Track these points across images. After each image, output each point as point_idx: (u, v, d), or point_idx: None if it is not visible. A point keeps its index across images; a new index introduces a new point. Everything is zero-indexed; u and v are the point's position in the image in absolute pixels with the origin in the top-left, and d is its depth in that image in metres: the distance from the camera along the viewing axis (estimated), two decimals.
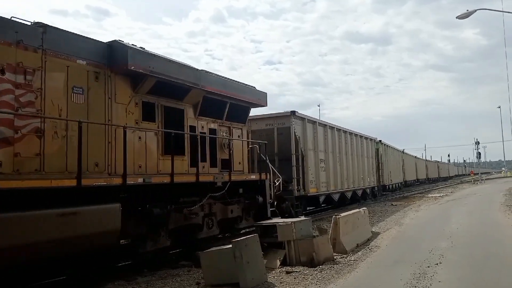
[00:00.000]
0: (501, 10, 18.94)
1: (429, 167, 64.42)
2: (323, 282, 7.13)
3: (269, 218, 11.48)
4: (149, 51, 8.80)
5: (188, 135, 9.96)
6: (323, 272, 7.72)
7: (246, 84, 12.40)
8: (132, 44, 8.47)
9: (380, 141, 30.95)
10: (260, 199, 11.90)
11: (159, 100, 9.22)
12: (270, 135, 16.03)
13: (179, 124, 9.72)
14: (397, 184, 37.88)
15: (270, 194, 12.24)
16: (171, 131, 9.02)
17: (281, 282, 7.20)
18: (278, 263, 8.37)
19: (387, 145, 33.81)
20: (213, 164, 10.81)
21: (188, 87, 9.69)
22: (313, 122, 17.96)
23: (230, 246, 7.05)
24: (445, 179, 78.51)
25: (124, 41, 8.42)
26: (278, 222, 9.03)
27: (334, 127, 20.19)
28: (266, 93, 13.11)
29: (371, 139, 27.41)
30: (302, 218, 10.17)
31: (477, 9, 18.48)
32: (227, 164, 11.08)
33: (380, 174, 30.15)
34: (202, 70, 10.31)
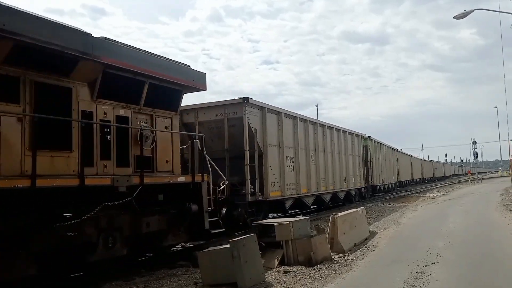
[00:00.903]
0: (498, 10, 19.02)
1: (424, 167, 63.22)
2: (321, 281, 7.14)
3: (207, 231, 9.58)
4: (3, 3, 6.23)
5: (79, 123, 7.36)
6: (321, 272, 7.73)
7: (176, 61, 9.73)
8: None
9: (369, 137, 28.26)
10: (194, 207, 9.40)
11: (27, 74, 6.77)
12: (221, 127, 13.54)
13: (63, 108, 7.29)
14: (390, 185, 34.90)
15: (210, 200, 9.82)
16: (35, 115, 6.60)
17: (279, 282, 7.21)
18: (276, 262, 8.39)
19: (378, 142, 31.09)
20: (122, 162, 8.31)
21: (73, 57, 7.16)
22: (277, 112, 15.09)
23: (228, 245, 7.06)
24: (441, 179, 78.03)
25: None
26: (276, 222, 9.03)
27: (307, 120, 17.45)
28: (205, 73, 10.32)
29: (357, 135, 24.52)
30: (300, 218, 10.17)
31: (474, 9, 18.55)
32: (147, 163, 8.70)
33: (370, 174, 27.44)
34: (100, 37, 7.81)
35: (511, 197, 21.04)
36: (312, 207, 18.51)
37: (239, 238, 7.22)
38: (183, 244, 10.90)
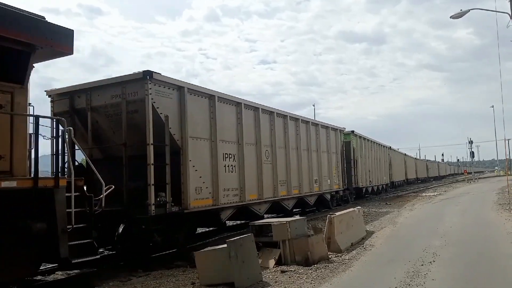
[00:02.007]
0: (494, 10, 19.08)
1: (418, 166, 60.71)
2: (318, 281, 7.16)
3: (66, 260, 6.53)
4: None
5: None
6: (318, 271, 7.76)
7: (18, 9, 6.48)
8: None
9: (353, 132, 24.71)
10: (40, 226, 6.31)
11: None
12: (119, 114, 9.81)
13: None
14: (381, 186, 31.59)
15: (72, 215, 6.54)
16: None
17: (276, 281, 7.23)
18: (273, 262, 8.40)
19: (364, 139, 27.29)
20: None
21: None
22: (209, 96, 11.16)
23: (225, 246, 7.07)
24: (435, 179, 75.94)
25: None
26: (273, 222, 9.05)
27: (258, 108, 13.56)
28: (71, 30, 7.04)
29: (334, 129, 20.51)
30: (297, 217, 10.19)
31: (471, 9, 18.61)
32: None
33: (354, 174, 24.04)
34: None
35: (507, 197, 21.13)
36: (266, 216, 14.26)
37: (237, 238, 7.23)
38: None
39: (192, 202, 10.03)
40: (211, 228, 13.81)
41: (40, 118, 6.68)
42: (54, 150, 7.67)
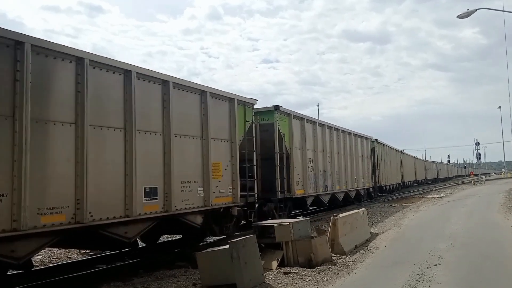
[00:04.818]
0: (501, 9, 18.92)
1: (418, 167, 52.93)
2: (321, 283, 7.08)
3: None
4: None
5: None
6: (321, 273, 7.67)
7: None
8: None
9: (278, 107, 14.27)
10: None
11: None
12: None
13: None
14: (354, 192, 21.84)
15: None
16: None
17: (278, 283, 7.15)
18: (276, 264, 8.32)
19: (312, 122, 16.87)
20: None
21: None
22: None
23: (228, 247, 7.00)
24: (434, 181, 66.59)
25: None
26: (276, 223, 8.97)
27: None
28: None
29: (224, 98, 10.77)
30: (300, 218, 10.10)
31: (478, 9, 18.45)
32: None
33: (282, 177, 14.15)
34: None
35: None
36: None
37: (239, 239, 7.15)
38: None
39: None
40: None
41: None
42: None
